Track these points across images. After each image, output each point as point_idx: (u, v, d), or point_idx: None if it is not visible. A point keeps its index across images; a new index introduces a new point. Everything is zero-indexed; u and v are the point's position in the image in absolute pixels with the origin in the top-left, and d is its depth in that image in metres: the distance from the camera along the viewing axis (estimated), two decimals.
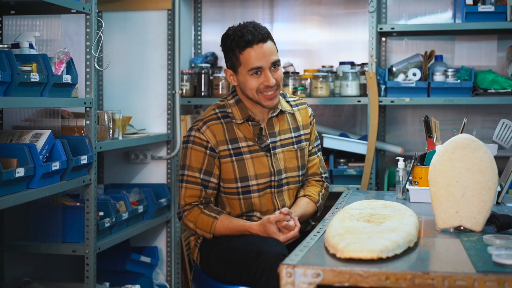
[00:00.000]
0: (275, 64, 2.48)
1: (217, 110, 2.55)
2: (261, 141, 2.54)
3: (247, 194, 2.52)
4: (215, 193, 2.54)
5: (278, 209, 2.51)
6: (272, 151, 2.55)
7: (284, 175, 2.56)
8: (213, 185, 2.51)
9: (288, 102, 2.67)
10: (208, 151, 2.49)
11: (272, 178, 2.53)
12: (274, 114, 2.57)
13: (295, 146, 2.61)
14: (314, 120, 2.73)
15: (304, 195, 2.62)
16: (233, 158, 2.50)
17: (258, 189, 2.52)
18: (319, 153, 2.73)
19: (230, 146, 2.50)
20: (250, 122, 2.54)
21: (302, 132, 2.65)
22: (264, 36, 2.46)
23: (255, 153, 2.52)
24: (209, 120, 2.52)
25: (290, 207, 2.56)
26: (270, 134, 2.56)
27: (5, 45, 2.52)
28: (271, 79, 2.46)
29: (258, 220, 2.49)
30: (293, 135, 2.62)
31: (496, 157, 2.13)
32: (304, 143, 2.64)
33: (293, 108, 2.66)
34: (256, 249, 2.29)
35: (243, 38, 2.44)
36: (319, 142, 2.75)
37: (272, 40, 2.51)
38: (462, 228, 2.01)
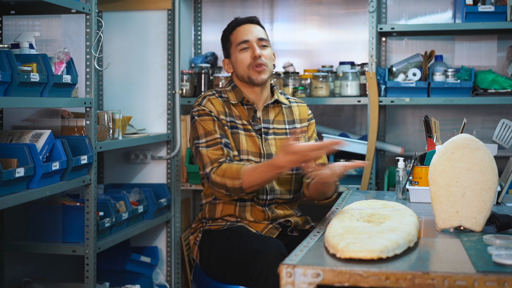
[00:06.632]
0: (262, 41, 2.62)
1: (214, 91, 2.66)
2: (255, 123, 2.61)
3: None
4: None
5: (267, 190, 2.55)
6: (264, 136, 2.60)
7: None
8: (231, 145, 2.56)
9: (287, 98, 2.76)
10: (214, 118, 2.56)
11: (262, 160, 2.57)
12: (270, 102, 2.64)
13: (289, 136, 2.64)
14: (314, 121, 2.76)
15: None
16: (230, 130, 2.57)
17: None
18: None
19: (228, 119, 2.58)
20: (245, 106, 2.62)
21: (297, 125, 2.70)
22: (252, 19, 2.66)
23: (248, 132, 2.59)
24: (208, 95, 2.63)
25: (280, 193, 2.58)
26: (264, 120, 2.63)
27: (5, 45, 2.52)
28: (257, 50, 2.57)
29: (244, 202, 2.54)
30: (287, 127, 2.67)
31: (496, 157, 2.14)
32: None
33: (291, 104, 2.74)
34: (254, 248, 2.29)
35: (234, 21, 2.66)
36: None
37: (262, 27, 2.69)
38: (462, 228, 2.01)
